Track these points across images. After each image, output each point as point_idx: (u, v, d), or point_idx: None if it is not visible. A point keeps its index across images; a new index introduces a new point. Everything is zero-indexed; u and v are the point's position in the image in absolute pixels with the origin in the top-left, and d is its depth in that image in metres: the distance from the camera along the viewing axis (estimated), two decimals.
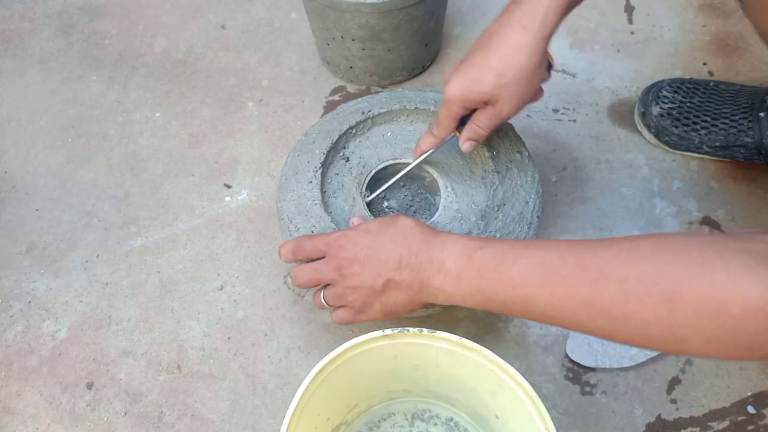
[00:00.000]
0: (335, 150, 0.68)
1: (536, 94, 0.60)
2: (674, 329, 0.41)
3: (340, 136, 0.68)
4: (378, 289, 0.54)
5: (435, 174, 0.68)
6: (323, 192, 0.65)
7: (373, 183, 0.68)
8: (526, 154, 0.68)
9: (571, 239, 0.50)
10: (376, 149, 0.69)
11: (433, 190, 0.71)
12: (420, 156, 0.65)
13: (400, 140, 0.70)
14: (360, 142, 0.70)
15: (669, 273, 0.41)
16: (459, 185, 0.67)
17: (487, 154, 0.66)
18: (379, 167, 0.69)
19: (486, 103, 0.58)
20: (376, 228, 0.55)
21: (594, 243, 0.46)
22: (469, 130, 0.61)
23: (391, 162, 0.69)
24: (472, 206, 0.66)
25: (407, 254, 0.52)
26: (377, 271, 0.54)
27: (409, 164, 0.67)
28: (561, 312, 0.46)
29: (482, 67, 0.56)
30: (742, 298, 0.38)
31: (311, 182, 0.65)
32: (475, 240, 0.51)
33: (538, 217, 0.64)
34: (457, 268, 0.50)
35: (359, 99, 0.73)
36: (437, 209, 0.67)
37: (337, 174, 0.68)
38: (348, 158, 0.69)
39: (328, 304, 0.58)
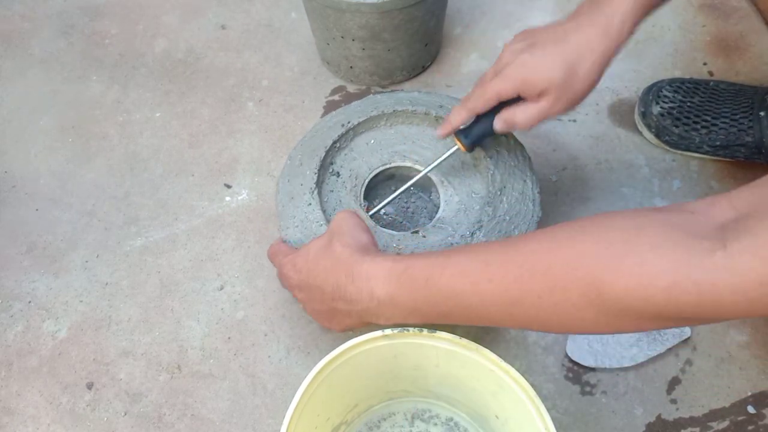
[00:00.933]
0: (324, 167, 0.67)
1: (579, 103, 0.58)
2: (605, 311, 0.41)
3: (327, 153, 0.67)
4: (328, 313, 0.55)
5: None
6: (324, 211, 0.64)
7: (369, 192, 0.69)
8: (510, 134, 0.68)
9: (496, 240, 0.50)
10: (364, 158, 0.69)
11: (426, 188, 0.71)
12: (434, 162, 0.64)
13: (384, 145, 0.70)
14: (346, 154, 0.70)
15: (592, 255, 0.41)
16: (454, 178, 0.68)
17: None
18: (371, 175, 0.69)
19: (539, 96, 0.56)
20: (314, 254, 0.55)
21: (516, 240, 0.46)
22: (508, 120, 0.58)
23: (381, 168, 0.69)
24: (473, 195, 0.66)
25: (336, 287, 0.52)
26: (320, 299, 0.54)
27: (402, 166, 0.69)
28: (497, 314, 0.46)
29: (555, 58, 0.54)
30: (668, 271, 0.38)
31: (310, 204, 0.64)
32: (399, 261, 0.50)
33: (538, 192, 0.65)
34: (388, 294, 0.50)
35: (333, 113, 0.72)
36: (438, 206, 0.67)
37: (332, 191, 0.67)
38: (338, 173, 0.68)
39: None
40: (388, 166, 0.69)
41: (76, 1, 1.00)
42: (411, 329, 0.52)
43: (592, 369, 0.67)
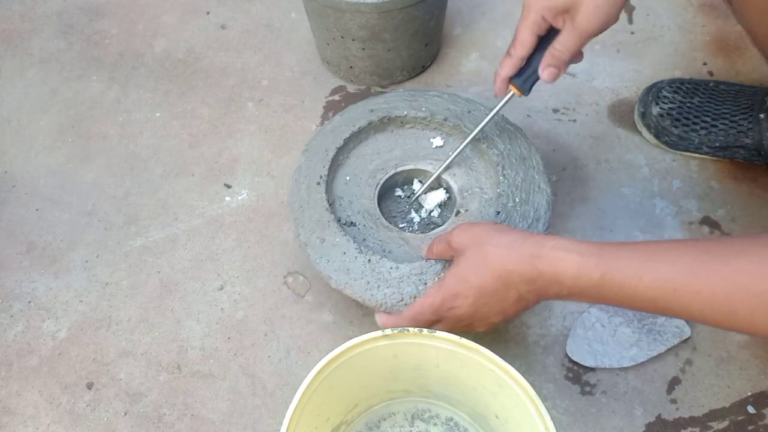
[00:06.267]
0: (336, 162, 0.69)
1: (614, 18, 0.56)
2: None
3: (345, 143, 0.69)
4: (502, 317, 0.55)
5: (429, 167, 0.71)
6: (332, 212, 0.66)
7: (382, 196, 0.71)
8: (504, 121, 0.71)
9: (682, 242, 0.49)
10: (364, 169, 0.71)
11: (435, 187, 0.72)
12: (491, 113, 0.64)
13: (383, 154, 0.72)
14: (348, 164, 0.71)
15: None
16: (463, 170, 0.70)
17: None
18: (388, 175, 0.71)
19: (566, 15, 0.55)
20: (470, 273, 0.53)
21: (717, 250, 0.45)
22: (548, 56, 0.58)
23: (389, 175, 0.71)
24: (485, 180, 0.69)
25: (523, 287, 0.51)
26: (502, 311, 0.54)
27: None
28: (699, 318, 0.46)
29: None
30: None
31: (344, 236, 0.64)
32: (586, 256, 0.49)
33: (544, 182, 0.67)
34: (578, 288, 0.49)
35: (361, 103, 0.73)
36: (454, 199, 0.69)
37: (346, 182, 0.70)
38: (353, 172, 0.71)
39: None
40: (392, 173, 0.71)
41: (75, 1, 1.00)
42: (411, 329, 0.52)
43: (592, 369, 0.67)
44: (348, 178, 0.70)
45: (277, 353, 0.69)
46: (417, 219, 0.71)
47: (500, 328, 0.70)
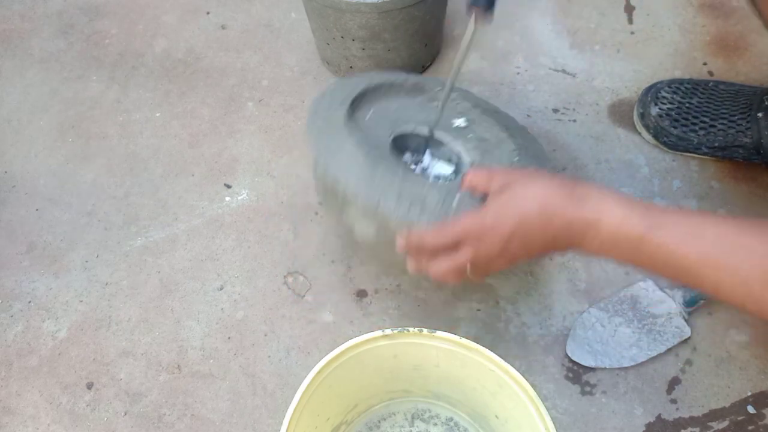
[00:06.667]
0: (354, 109, 0.66)
1: None
2: None
3: (358, 96, 0.66)
4: (530, 255, 0.53)
5: (447, 139, 0.69)
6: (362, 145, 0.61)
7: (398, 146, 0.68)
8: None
9: (725, 217, 0.49)
10: (388, 120, 0.68)
11: (441, 156, 0.70)
12: (464, 44, 0.62)
13: (388, 116, 0.69)
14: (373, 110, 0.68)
15: None
16: (479, 151, 0.68)
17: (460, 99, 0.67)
18: (399, 132, 0.67)
19: None
20: (515, 204, 0.52)
21: (757, 227, 0.45)
22: None
23: (406, 131, 0.68)
24: (485, 140, 0.67)
25: (561, 225, 0.50)
26: (528, 249, 0.52)
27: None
28: (728, 294, 0.46)
29: None
30: None
31: (380, 162, 0.60)
32: (633, 210, 0.48)
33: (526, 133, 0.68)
34: (614, 239, 0.49)
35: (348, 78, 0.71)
36: (459, 158, 0.68)
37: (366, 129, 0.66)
38: (365, 119, 0.67)
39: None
40: (412, 131, 0.68)
41: (75, 1, 1.00)
42: (411, 329, 0.52)
43: (592, 369, 0.67)
44: (368, 117, 0.67)
45: (277, 353, 0.69)
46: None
47: (500, 328, 0.70)
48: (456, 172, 0.69)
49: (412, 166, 0.70)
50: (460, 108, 0.70)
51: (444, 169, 0.69)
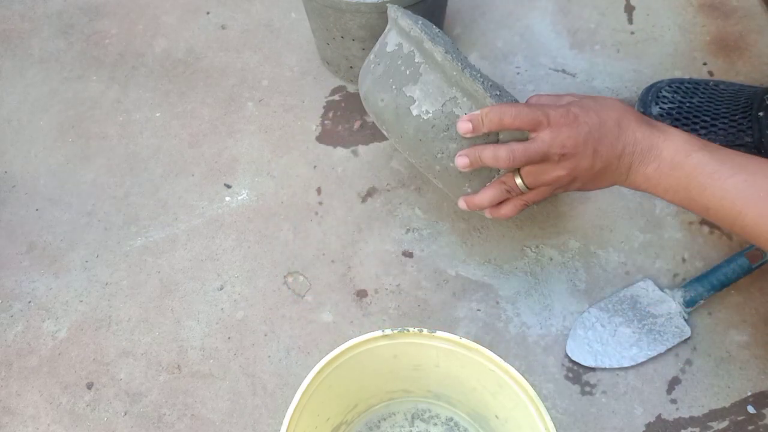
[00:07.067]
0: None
1: None
2: None
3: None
4: (591, 172, 0.54)
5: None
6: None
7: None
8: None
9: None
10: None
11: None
12: None
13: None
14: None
15: None
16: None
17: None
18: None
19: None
20: (596, 107, 0.53)
21: None
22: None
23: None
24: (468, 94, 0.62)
25: (632, 140, 0.52)
26: (595, 158, 0.53)
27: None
28: (763, 240, 0.48)
29: None
30: None
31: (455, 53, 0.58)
32: (695, 139, 0.51)
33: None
34: (672, 161, 0.51)
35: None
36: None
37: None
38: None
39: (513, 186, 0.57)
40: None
41: (75, 1, 1.00)
42: (411, 329, 0.52)
43: (592, 369, 0.67)
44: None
45: (277, 353, 0.69)
46: None
47: (500, 328, 0.70)
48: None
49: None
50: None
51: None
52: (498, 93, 0.61)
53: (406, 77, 0.60)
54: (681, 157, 0.50)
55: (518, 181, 0.56)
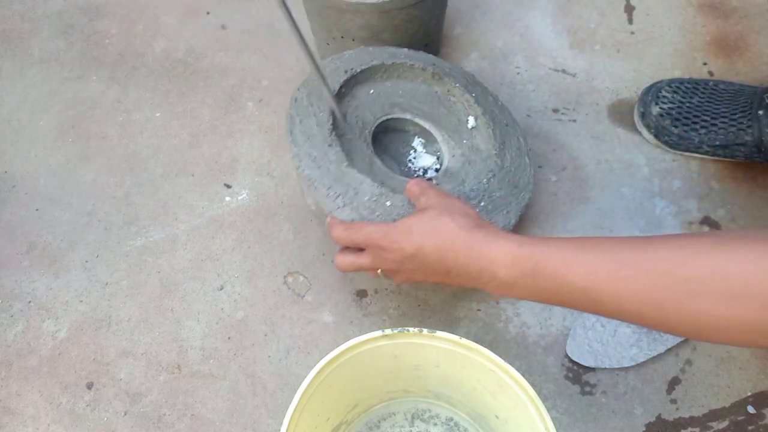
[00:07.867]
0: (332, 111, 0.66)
1: None
2: (746, 324, 0.41)
3: (334, 96, 0.65)
4: (434, 279, 0.55)
5: (427, 125, 0.70)
6: (346, 153, 0.62)
7: (375, 137, 0.68)
8: (493, 97, 0.72)
9: (617, 237, 0.50)
10: (366, 107, 0.68)
11: (429, 143, 0.71)
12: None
13: (383, 97, 0.70)
14: (348, 101, 0.68)
15: (736, 269, 0.41)
16: (454, 133, 0.69)
17: (470, 98, 0.69)
18: (378, 122, 0.68)
19: None
20: (419, 230, 0.53)
21: (645, 242, 0.46)
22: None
23: (385, 118, 0.69)
24: (475, 150, 0.68)
25: (455, 266, 0.52)
26: (426, 275, 0.55)
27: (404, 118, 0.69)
28: (628, 312, 0.46)
29: None
30: None
31: (330, 145, 0.62)
32: (523, 246, 0.49)
33: (529, 150, 0.71)
34: (511, 279, 0.50)
35: (328, 59, 0.71)
36: (441, 161, 0.69)
37: (342, 134, 0.65)
38: (345, 118, 0.66)
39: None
40: (391, 116, 0.69)
41: (75, 1, 1.00)
42: (411, 329, 0.52)
43: (592, 369, 0.67)
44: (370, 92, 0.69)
45: (277, 353, 0.69)
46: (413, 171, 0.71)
47: (500, 328, 0.70)
48: (437, 169, 0.70)
49: (411, 153, 0.71)
50: (474, 110, 0.70)
51: (428, 161, 0.71)
52: (475, 93, 0.69)
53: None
54: (516, 272, 0.49)
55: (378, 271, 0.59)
